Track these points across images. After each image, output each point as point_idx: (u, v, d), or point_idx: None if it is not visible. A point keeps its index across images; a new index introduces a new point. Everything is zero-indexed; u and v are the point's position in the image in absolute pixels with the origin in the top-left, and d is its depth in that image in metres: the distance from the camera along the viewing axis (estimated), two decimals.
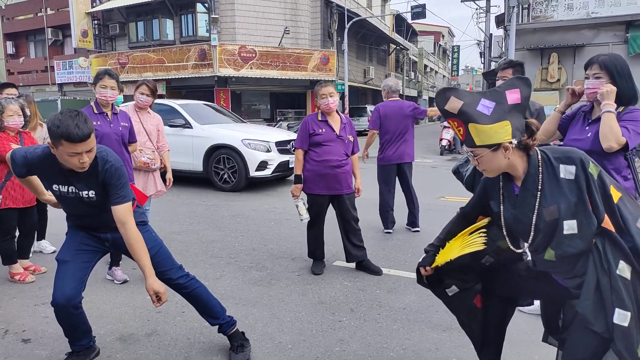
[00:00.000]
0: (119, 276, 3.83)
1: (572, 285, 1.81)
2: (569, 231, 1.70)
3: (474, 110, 1.70)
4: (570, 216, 1.69)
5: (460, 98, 1.72)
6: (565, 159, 1.72)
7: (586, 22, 13.34)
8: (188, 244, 4.99)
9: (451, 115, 1.75)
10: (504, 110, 1.71)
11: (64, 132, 2.07)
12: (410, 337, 2.93)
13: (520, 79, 1.80)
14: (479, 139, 1.71)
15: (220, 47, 20.13)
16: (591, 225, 1.68)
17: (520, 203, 1.80)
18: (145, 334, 2.96)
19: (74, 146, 2.11)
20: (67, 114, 2.12)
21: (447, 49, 55.64)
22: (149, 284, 2.29)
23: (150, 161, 4.13)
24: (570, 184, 1.69)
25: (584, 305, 1.70)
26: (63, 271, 2.40)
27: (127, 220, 2.32)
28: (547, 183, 1.73)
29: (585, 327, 1.71)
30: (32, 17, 27.70)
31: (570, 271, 1.79)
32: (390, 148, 5.29)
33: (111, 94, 3.63)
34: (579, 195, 1.68)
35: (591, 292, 1.69)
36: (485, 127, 1.69)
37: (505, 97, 1.73)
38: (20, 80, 28.26)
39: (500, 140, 1.69)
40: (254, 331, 2.97)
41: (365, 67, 29.20)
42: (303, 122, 4.03)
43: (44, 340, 2.89)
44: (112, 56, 23.18)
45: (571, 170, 1.69)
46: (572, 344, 1.80)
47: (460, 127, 1.75)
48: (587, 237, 1.69)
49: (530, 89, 1.78)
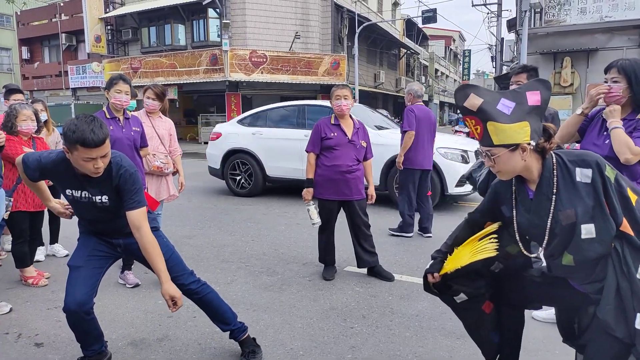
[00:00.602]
0: (131, 280, 3.84)
1: (592, 291, 1.77)
2: (587, 235, 1.67)
3: (494, 109, 1.69)
4: (588, 220, 1.66)
5: (481, 96, 1.70)
6: (581, 162, 1.69)
7: (600, 26, 13.21)
8: (199, 248, 4.99)
9: (470, 113, 1.73)
10: (524, 111, 1.70)
11: (80, 137, 2.08)
12: (423, 344, 2.89)
13: (541, 81, 1.78)
14: (497, 138, 1.69)
15: (232, 52, 20.24)
16: (609, 229, 1.65)
17: (535, 207, 1.78)
18: (157, 339, 2.96)
19: (89, 151, 2.12)
20: (83, 119, 2.13)
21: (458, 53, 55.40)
22: (164, 289, 2.29)
23: (163, 165, 4.15)
24: (587, 187, 1.67)
25: (605, 311, 1.67)
26: (75, 277, 2.40)
27: (142, 225, 2.32)
28: (562, 186, 1.71)
29: (606, 332, 1.68)
30: (46, 22, 28.13)
31: (589, 276, 1.75)
32: (420, 152, 5.30)
33: (125, 99, 3.66)
34: (596, 198, 1.65)
35: (611, 297, 1.66)
36: (505, 127, 1.67)
37: (526, 98, 1.72)
38: (34, 85, 28.69)
39: (519, 140, 1.68)
40: (265, 337, 2.95)
41: (375, 71, 29.16)
42: (315, 125, 4.02)
43: (56, 344, 2.89)
44: (125, 61, 23.42)
45: (587, 174, 1.67)
46: (593, 350, 1.76)
47: (477, 125, 1.73)
48: (605, 241, 1.66)
49: (550, 92, 1.77)
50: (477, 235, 2.02)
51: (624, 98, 2.48)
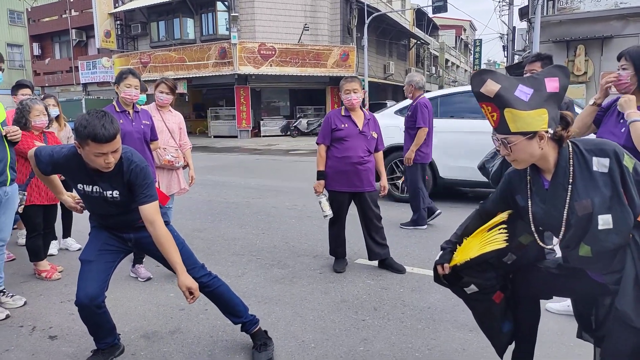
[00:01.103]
0: (143, 273, 3.86)
1: (610, 281, 1.74)
2: (604, 226, 1.63)
3: (512, 95, 1.63)
4: (605, 210, 1.62)
5: (498, 81, 1.65)
6: (598, 152, 1.65)
7: (614, 12, 12.96)
8: (210, 241, 5.00)
9: (486, 99, 1.68)
10: (542, 98, 1.65)
11: (91, 133, 2.08)
12: (435, 337, 2.86)
13: (560, 67, 1.73)
14: (515, 125, 1.64)
15: (240, 45, 20.23)
16: (627, 220, 1.61)
17: (551, 197, 1.74)
18: (169, 332, 2.97)
19: (100, 146, 2.12)
20: (94, 114, 2.14)
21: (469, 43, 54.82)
22: (181, 281, 2.30)
23: (174, 159, 4.15)
24: (604, 177, 1.63)
25: (624, 302, 1.64)
26: (86, 271, 2.42)
27: (155, 219, 2.33)
28: (579, 176, 1.66)
29: (625, 323, 1.64)
30: (57, 18, 28.35)
31: (608, 267, 1.72)
32: (430, 146, 5.34)
33: (135, 93, 3.66)
34: (614, 188, 1.61)
35: (630, 288, 1.63)
36: (523, 114, 1.62)
37: (544, 84, 1.67)
38: (45, 81, 28.98)
39: (537, 128, 1.63)
40: (276, 330, 2.95)
41: (385, 62, 28.96)
42: (326, 117, 4.00)
43: (70, 337, 2.92)
44: (134, 56, 23.54)
45: (605, 163, 1.63)
46: (612, 341, 1.73)
47: (494, 112, 1.68)
48: (623, 231, 1.63)
49: (568, 79, 1.71)
50: (486, 226, 1.99)
51: (633, 85, 2.43)
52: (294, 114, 24.01)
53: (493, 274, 2.05)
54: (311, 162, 12.46)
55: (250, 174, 10.46)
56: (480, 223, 2.03)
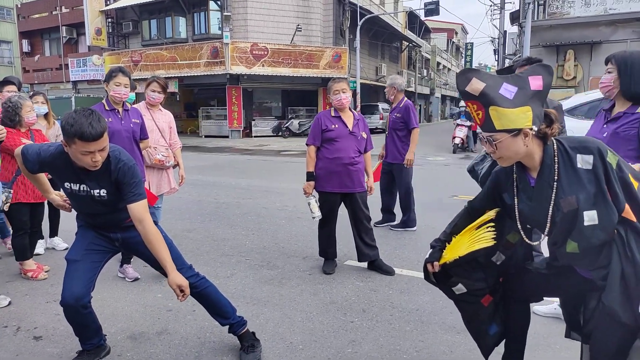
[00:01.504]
0: (130, 274, 3.83)
1: (597, 277, 1.76)
2: (589, 222, 1.65)
3: (496, 93, 1.66)
4: (590, 207, 1.65)
5: (483, 80, 1.68)
6: (582, 149, 1.68)
7: (604, 18, 13.12)
8: (199, 242, 4.98)
9: (471, 97, 1.70)
10: (526, 96, 1.67)
11: (78, 131, 2.07)
12: (423, 339, 2.87)
13: (544, 66, 1.76)
14: (499, 122, 1.67)
15: (233, 44, 20.17)
16: (611, 216, 1.64)
17: (537, 194, 1.76)
18: (156, 333, 2.95)
19: (87, 145, 2.10)
20: (81, 112, 2.12)
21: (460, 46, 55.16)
22: (171, 279, 2.28)
23: (164, 159, 4.12)
24: (589, 174, 1.65)
25: (611, 297, 1.66)
26: (72, 271, 2.39)
27: (144, 217, 2.31)
28: (564, 173, 1.69)
29: (611, 318, 1.67)
30: (47, 15, 28.05)
31: (595, 262, 1.74)
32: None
33: (125, 92, 3.63)
34: (598, 185, 1.64)
35: (617, 283, 1.65)
36: (507, 111, 1.65)
37: (528, 82, 1.70)
38: (35, 78, 28.66)
39: (521, 125, 1.66)
40: (264, 331, 2.94)
41: (377, 64, 29.05)
42: (316, 118, 3.99)
43: (55, 337, 2.89)
44: (125, 54, 23.37)
45: (588, 160, 1.65)
46: (599, 336, 1.75)
47: (479, 110, 1.70)
48: (608, 227, 1.65)
49: (552, 77, 1.75)
50: (475, 224, 2.01)
51: (616, 88, 2.46)
52: (285, 115, 23.98)
53: (481, 274, 2.07)
54: (302, 163, 12.44)
55: (241, 174, 10.43)
56: (469, 221, 2.05)
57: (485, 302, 2.14)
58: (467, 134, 15.16)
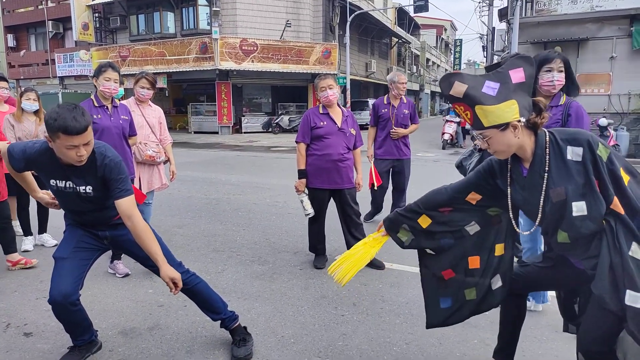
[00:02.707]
0: (121, 270, 3.82)
1: (588, 267, 1.81)
2: (578, 213, 1.70)
3: (479, 93, 1.71)
4: (579, 197, 1.69)
5: (464, 82, 1.73)
6: (572, 141, 1.72)
7: (590, 15, 13.25)
8: (190, 237, 4.97)
9: (457, 100, 1.75)
10: (509, 90, 1.72)
11: (62, 125, 2.06)
12: (413, 331, 2.91)
13: (523, 57, 1.79)
14: (487, 120, 1.71)
15: (222, 40, 20.05)
16: (600, 207, 1.68)
17: (529, 184, 1.81)
18: (148, 328, 2.95)
19: (71, 139, 2.09)
20: (65, 107, 2.11)
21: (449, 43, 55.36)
22: (163, 272, 2.28)
23: (155, 154, 4.11)
24: (578, 165, 1.69)
25: (600, 286, 1.70)
26: (60, 268, 2.38)
27: (132, 213, 2.31)
28: (554, 164, 1.73)
29: (600, 306, 1.71)
30: (32, 9, 27.61)
31: (586, 252, 1.79)
32: None
33: (114, 87, 3.61)
34: (586, 176, 1.68)
35: (605, 273, 1.69)
36: (492, 108, 1.70)
37: (509, 76, 1.74)
38: (21, 74, 28.24)
39: (508, 119, 1.70)
40: (256, 325, 2.96)
41: (367, 60, 29.07)
42: (304, 115, 4.00)
43: (45, 334, 2.88)
44: (113, 49, 23.11)
45: (578, 152, 1.70)
46: (588, 323, 1.80)
47: (467, 110, 1.76)
48: (596, 218, 1.69)
49: (533, 67, 1.78)
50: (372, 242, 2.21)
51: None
52: (275, 111, 23.93)
53: (450, 240, 2.12)
54: (292, 159, 12.44)
55: (231, 170, 10.41)
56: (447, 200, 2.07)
57: (445, 275, 2.17)
58: (456, 130, 15.28)
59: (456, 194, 2.06)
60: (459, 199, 2.05)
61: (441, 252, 2.16)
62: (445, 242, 2.13)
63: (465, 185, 2.05)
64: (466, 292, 2.16)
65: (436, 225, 2.11)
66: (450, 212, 2.08)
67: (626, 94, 13.16)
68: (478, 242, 2.11)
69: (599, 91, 13.49)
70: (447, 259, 2.16)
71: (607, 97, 13.37)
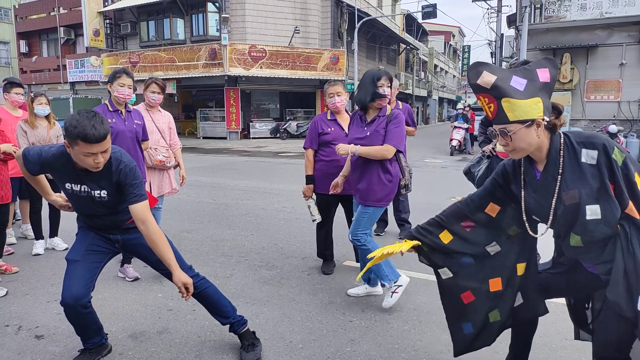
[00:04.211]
0: (131, 274, 3.85)
1: (602, 272, 1.79)
2: (592, 216, 1.68)
3: (508, 86, 1.69)
4: (593, 201, 1.68)
5: (494, 73, 1.71)
6: (587, 144, 1.70)
7: (600, 22, 13.20)
8: (198, 242, 5.00)
9: (483, 91, 1.73)
10: (536, 87, 1.71)
11: (81, 133, 2.09)
12: (421, 338, 2.91)
13: (549, 59, 1.79)
14: (513, 114, 1.69)
15: (231, 46, 20.19)
16: (614, 211, 1.66)
17: (542, 187, 1.80)
18: (157, 332, 2.97)
19: (89, 146, 2.13)
20: (85, 114, 2.14)
21: (457, 49, 55.32)
22: (176, 277, 2.31)
23: (165, 159, 4.15)
24: (592, 169, 1.68)
25: (614, 292, 1.68)
26: (72, 271, 2.42)
27: (146, 217, 2.33)
28: (568, 167, 1.72)
29: (616, 312, 1.69)
30: (45, 16, 28.00)
31: (599, 257, 1.77)
32: None
33: (128, 92, 3.67)
34: (601, 180, 1.67)
35: (620, 278, 1.67)
36: (520, 102, 1.68)
37: (537, 74, 1.73)
38: (32, 79, 28.59)
39: (534, 115, 1.69)
40: (264, 330, 2.97)
41: (375, 66, 29.12)
42: (312, 121, 4.02)
43: (56, 336, 2.91)
44: (124, 55, 23.35)
45: (593, 155, 1.68)
46: (603, 330, 1.78)
47: (491, 103, 1.73)
48: (611, 222, 1.68)
49: (557, 71, 1.78)
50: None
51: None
52: (283, 117, 24.01)
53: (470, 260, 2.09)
54: (300, 165, 12.47)
55: (240, 175, 10.45)
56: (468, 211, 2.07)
57: (465, 298, 2.14)
58: (465, 136, 15.24)
59: (476, 203, 2.05)
60: (479, 209, 2.04)
61: (460, 271, 2.12)
62: (466, 261, 2.10)
63: (483, 193, 2.05)
64: (490, 315, 2.13)
65: (457, 242, 2.08)
66: (472, 229, 2.06)
67: (636, 100, 13.07)
68: (499, 264, 2.07)
69: (609, 98, 13.42)
70: (466, 280, 2.11)
71: (617, 104, 13.29)
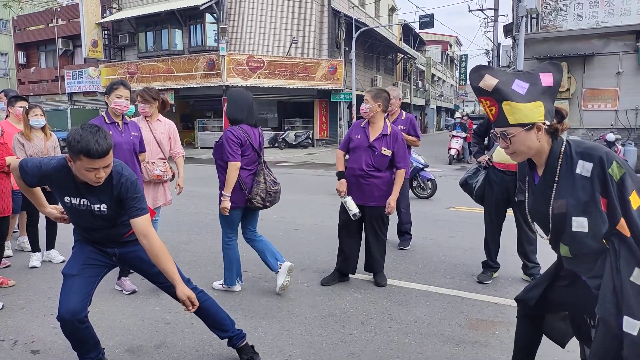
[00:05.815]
0: (128, 287, 3.82)
1: (593, 286, 1.77)
2: (578, 229, 1.68)
3: (509, 89, 1.70)
4: (580, 213, 1.67)
5: (496, 76, 1.72)
6: (585, 155, 1.69)
7: (596, 31, 13.28)
8: (196, 254, 4.96)
9: (485, 94, 1.74)
10: (538, 91, 1.71)
11: (84, 148, 2.07)
12: (422, 351, 2.87)
13: (553, 64, 1.80)
14: (513, 117, 1.70)
15: (229, 56, 20.26)
16: (601, 226, 1.65)
17: (539, 193, 1.80)
18: (154, 346, 2.93)
19: (92, 162, 2.11)
20: (88, 129, 2.13)
21: (454, 58, 55.63)
22: (180, 290, 2.28)
23: (162, 174, 4.12)
24: (584, 181, 1.67)
25: (603, 309, 1.67)
26: (69, 285, 2.39)
27: (148, 231, 2.31)
28: (563, 175, 1.72)
29: (606, 329, 1.68)
30: (43, 27, 28.09)
31: (590, 270, 1.76)
32: None
33: (125, 104, 3.66)
34: (592, 194, 1.65)
35: (609, 294, 1.65)
36: (521, 106, 1.69)
37: (539, 79, 1.73)
38: (30, 90, 28.62)
39: (535, 119, 1.69)
40: (263, 344, 2.93)
41: (372, 76, 29.23)
42: (351, 125, 4.12)
43: (52, 351, 2.87)
44: (122, 66, 23.40)
45: (588, 168, 1.67)
46: (596, 346, 1.76)
47: (492, 106, 1.74)
48: (597, 237, 1.66)
49: (561, 75, 1.78)
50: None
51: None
52: (281, 126, 24.04)
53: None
54: (299, 174, 12.46)
55: None
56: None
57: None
58: (463, 145, 15.25)
59: None
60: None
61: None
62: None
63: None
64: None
65: None
66: None
67: (633, 109, 13.12)
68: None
69: (606, 106, 13.46)
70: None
71: (615, 113, 13.33)
